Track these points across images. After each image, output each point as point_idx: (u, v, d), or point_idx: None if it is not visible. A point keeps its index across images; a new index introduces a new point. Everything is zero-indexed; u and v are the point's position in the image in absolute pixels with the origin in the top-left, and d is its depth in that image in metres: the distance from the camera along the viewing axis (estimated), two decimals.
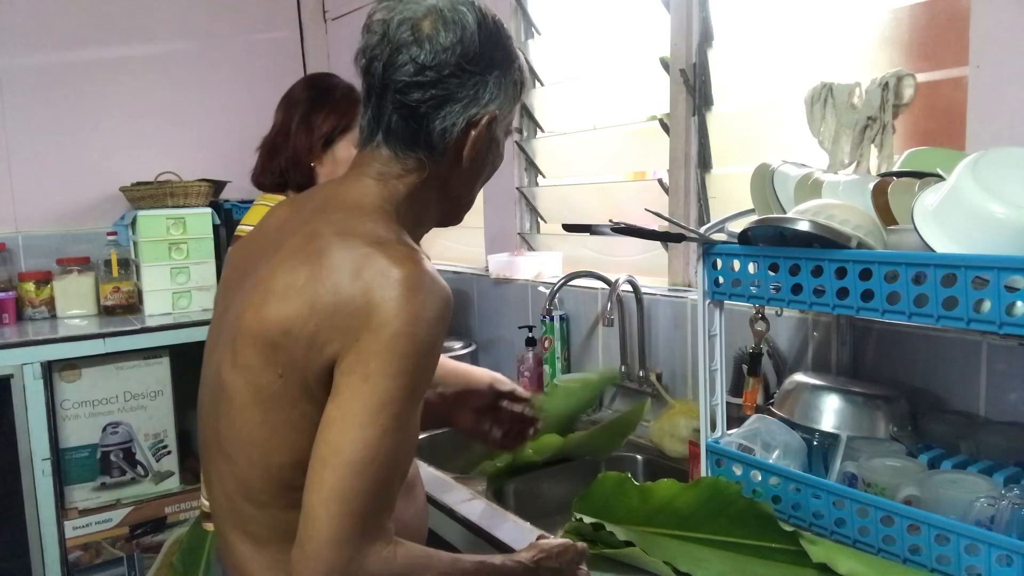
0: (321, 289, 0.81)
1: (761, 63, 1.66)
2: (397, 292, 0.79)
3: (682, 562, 1.05)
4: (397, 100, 0.87)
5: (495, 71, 0.90)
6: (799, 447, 1.19)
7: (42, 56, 2.80)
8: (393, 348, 0.78)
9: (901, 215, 1.06)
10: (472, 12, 0.88)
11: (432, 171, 0.91)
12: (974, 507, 0.96)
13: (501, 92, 0.91)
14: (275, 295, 0.83)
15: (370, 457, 0.77)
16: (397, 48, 0.86)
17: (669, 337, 1.76)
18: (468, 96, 0.88)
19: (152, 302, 2.64)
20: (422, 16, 0.86)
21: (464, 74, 0.87)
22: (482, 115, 0.90)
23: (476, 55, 0.87)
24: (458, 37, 0.86)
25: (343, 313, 0.79)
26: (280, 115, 1.63)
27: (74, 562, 2.37)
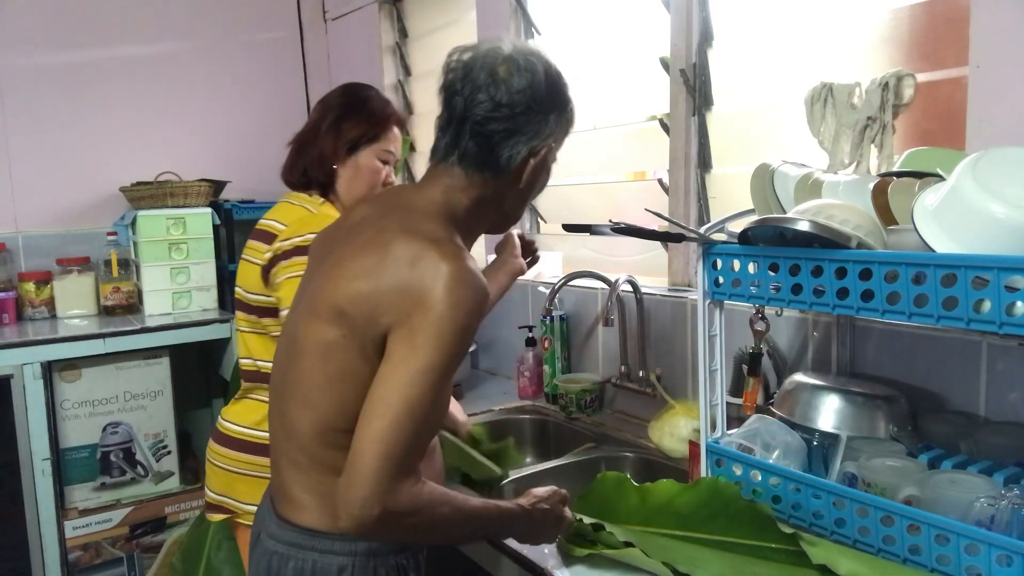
0: (384, 273, 0.98)
1: (761, 63, 1.66)
2: (444, 282, 0.95)
3: (682, 563, 1.05)
4: (475, 130, 1.05)
5: (555, 111, 1.09)
6: (799, 447, 1.19)
7: (42, 56, 2.80)
8: (437, 326, 0.95)
9: (901, 215, 1.06)
10: (540, 62, 1.07)
11: (493, 189, 1.09)
12: (974, 507, 0.96)
13: (558, 128, 1.10)
14: (349, 274, 1.01)
15: (410, 411, 0.94)
16: (477, 88, 1.04)
17: (669, 337, 1.76)
18: (532, 130, 1.07)
19: (152, 302, 2.64)
20: (500, 63, 1.04)
21: (531, 112, 1.06)
22: (542, 147, 1.09)
23: (542, 97, 1.06)
24: (528, 82, 1.05)
25: (400, 294, 0.97)
26: (314, 116, 1.68)
27: (74, 562, 2.37)
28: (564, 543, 1.19)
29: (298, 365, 1.06)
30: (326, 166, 1.61)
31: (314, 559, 1.05)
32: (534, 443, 1.96)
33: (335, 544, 1.04)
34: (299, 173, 1.64)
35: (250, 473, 1.57)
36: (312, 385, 1.03)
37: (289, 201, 1.63)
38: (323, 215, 1.56)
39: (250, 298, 1.58)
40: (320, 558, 1.04)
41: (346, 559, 1.04)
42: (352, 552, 1.04)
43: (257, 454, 1.55)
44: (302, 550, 1.06)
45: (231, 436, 1.60)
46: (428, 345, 0.95)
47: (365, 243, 1.04)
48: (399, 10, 2.96)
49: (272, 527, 1.10)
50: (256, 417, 1.57)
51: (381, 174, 1.65)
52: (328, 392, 1.02)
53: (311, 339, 1.04)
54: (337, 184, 1.63)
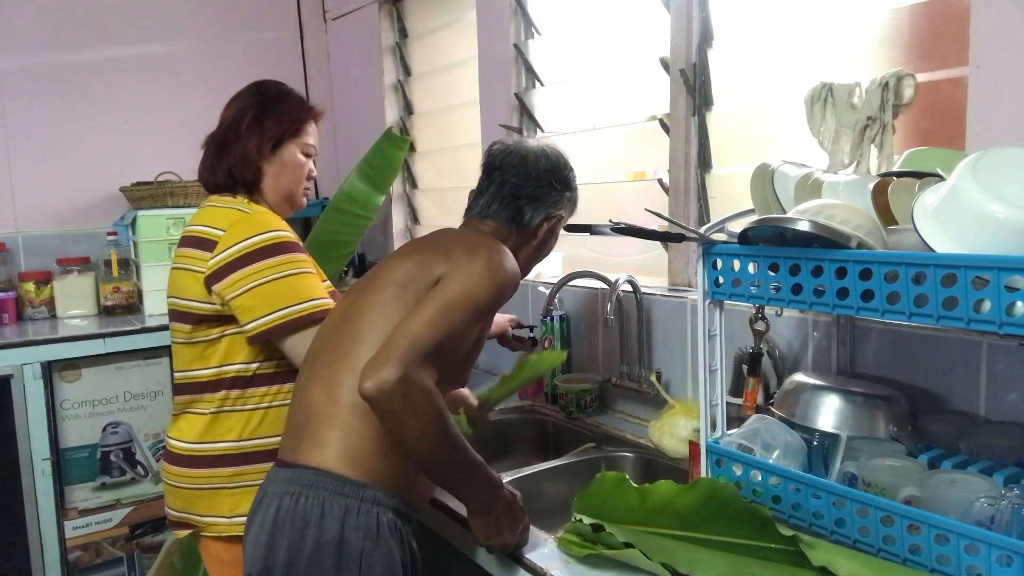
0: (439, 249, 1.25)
1: (761, 63, 1.65)
2: (488, 250, 1.24)
3: (681, 563, 1.05)
4: (509, 194, 1.38)
5: (568, 190, 1.44)
6: (799, 447, 1.19)
7: (42, 56, 2.80)
8: (480, 274, 1.19)
9: (901, 215, 1.06)
10: (557, 154, 1.43)
11: (513, 242, 1.38)
12: (974, 507, 0.96)
13: (568, 204, 1.46)
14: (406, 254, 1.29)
15: (444, 317, 1.13)
16: (513, 166, 1.39)
17: (669, 337, 1.76)
18: (551, 200, 1.41)
19: (152, 302, 2.63)
20: (529, 152, 1.40)
21: (552, 188, 1.40)
22: (555, 214, 1.42)
23: (559, 178, 1.41)
24: (552, 165, 1.41)
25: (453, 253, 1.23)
26: (229, 114, 1.63)
27: (74, 562, 2.37)
28: (564, 543, 1.19)
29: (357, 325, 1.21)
30: (252, 164, 1.57)
31: (324, 497, 1.13)
32: (534, 443, 1.96)
33: (345, 486, 1.13)
34: (224, 174, 1.58)
35: (206, 487, 1.51)
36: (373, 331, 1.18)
37: (215, 205, 1.57)
38: (258, 214, 1.51)
39: (189, 306, 1.51)
40: (329, 498, 1.13)
41: (352, 502, 1.13)
42: (359, 497, 1.13)
43: (210, 467, 1.50)
44: (314, 489, 1.14)
45: (180, 454, 1.53)
46: (471, 278, 1.18)
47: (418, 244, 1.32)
48: (399, 10, 2.96)
49: (283, 475, 1.19)
50: (198, 430, 1.51)
51: (305, 168, 1.63)
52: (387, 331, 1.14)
53: (374, 299, 1.22)
54: (263, 182, 1.59)
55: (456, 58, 2.63)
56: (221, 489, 1.50)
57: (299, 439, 1.20)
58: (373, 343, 1.15)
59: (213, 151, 1.62)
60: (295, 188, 1.62)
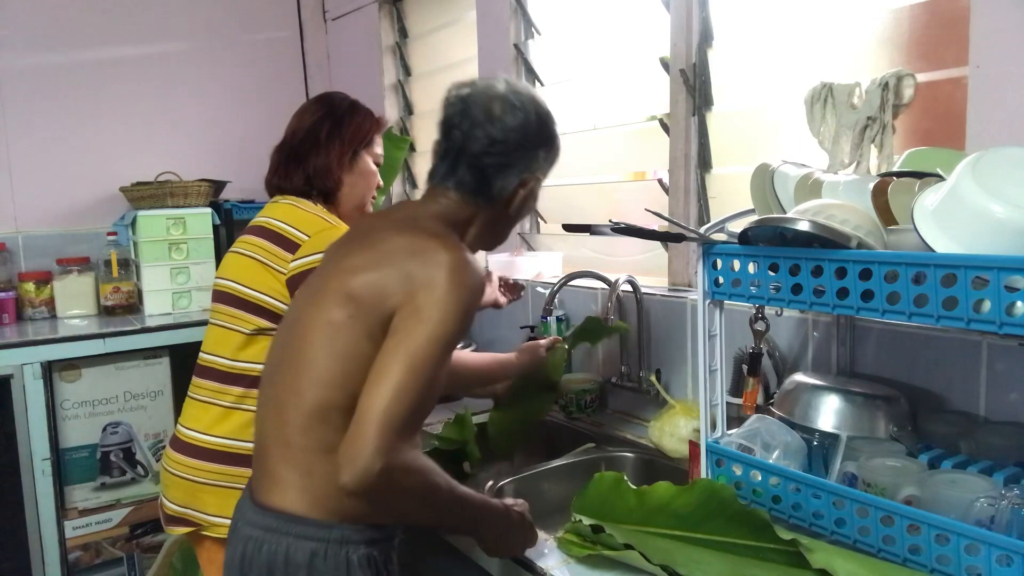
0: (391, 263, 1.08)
1: (761, 63, 1.65)
2: (447, 267, 1.05)
3: (681, 564, 1.05)
4: (471, 162, 1.15)
5: (544, 147, 1.19)
6: (799, 447, 1.19)
7: (42, 56, 2.80)
8: (442, 302, 1.03)
9: (901, 215, 1.06)
10: (532, 103, 1.17)
11: (483, 214, 1.19)
12: (974, 507, 0.96)
13: (546, 163, 1.22)
14: (357, 266, 1.10)
15: (415, 377, 1.00)
16: (474, 124, 1.14)
17: (669, 337, 1.76)
18: (523, 164, 1.17)
19: (152, 302, 2.64)
20: (495, 101, 1.14)
21: (523, 148, 1.16)
22: (531, 179, 1.19)
23: (533, 135, 1.17)
24: (522, 121, 1.15)
25: (406, 278, 1.05)
26: (304, 124, 1.64)
27: (74, 562, 2.37)
28: (564, 543, 1.19)
29: (303, 347, 1.10)
30: (333, 175, 1.61)
31: (288, 543, 1.07)
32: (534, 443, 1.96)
33: (309, 529, 1.07)
34: (300, 182, 1.61)
35: (217, 483, 1.49)
36: (317, 364, 1.08)
37: (296, 205, 1.59)
38: (342, 228, 1.53)
39: (249, 294, 1.52)
40: (294, 543, 1.07)
41: (319, 545, 1.07)
42: (325, 539, 1.07)
43: (224, 463, 1.49)
44: (277, 534, 1.08)
45: (194, 444, 1.51)
46: (433, 319, 1.02)
47: (373, 241, 1.14)
48: (399, 10, 2.96)
49: (249, 514, 1.12)
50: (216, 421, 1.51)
51: (376, 177, 1.67)
52: (333, 370, 1.06)
53: (319, 321, 1.09)
54: (341, 191, 1.63)
55: (456, 58, 2.63)
56: (233, 489, 1.46)
57: (260, 475, 1.14)
58: (318, 382, 1.07)
59: (285, 159, 1.65)
60: (367, 196, 1.67)
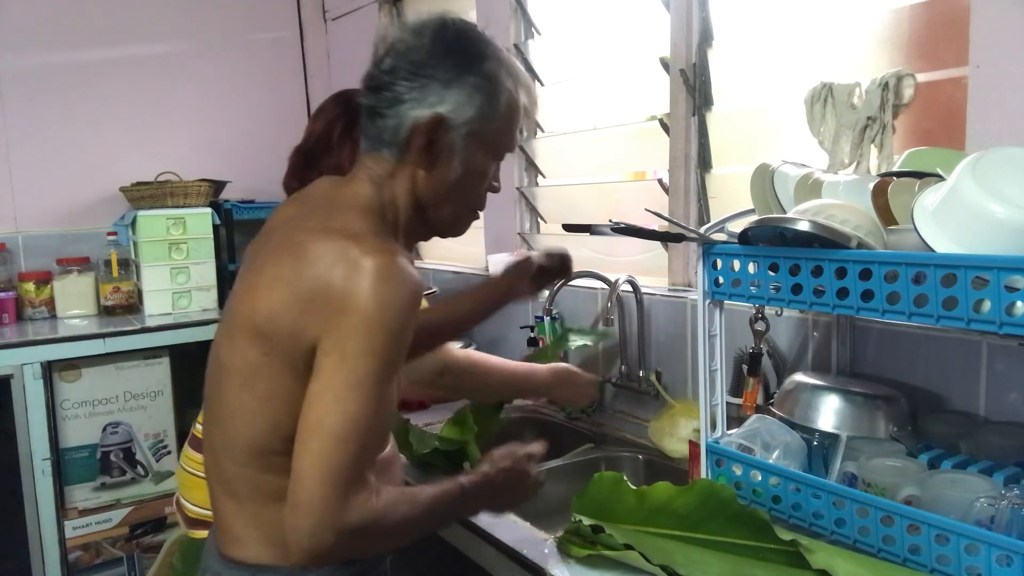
0: (300, 280, 0.91)
1: (761, 63, 1.65)
2: (368, 280, 0.88)
3: (681, 564, 1.05)
4: (365, 103, 0.99)
5: (446, 75, 0.96)
6: (799, 447, 1.19)
7: (42, 56, 2.80)
8: (366, 330, 0.88)
9: (901, 215, 1.06)
10: (435, 22, 0.97)
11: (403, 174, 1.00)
12: (974, 507, 0.96)
13: (451, 96, 0.96)
14: (264, 285, 0.94)
15: (349, 428, 0.87)
16: (374, 61, 0.99)
17: (669, 337, 1.76)
18: (415, 97, 0.96)
19: (152, 302, 2.64)
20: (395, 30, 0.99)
21: (413, 78, 0.95)
22: (429, 118, 0.96)
23: (424, 60, 0.96)
24: (411, 45, 0.96)
25: (322, 300, 0.89)
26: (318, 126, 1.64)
27: (74, 562, 2.37)
28: (564, 543, 1.19)
29: (226, 389, 0.99)
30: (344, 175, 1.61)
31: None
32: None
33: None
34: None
35: None
36: (243, 407, 0.96)
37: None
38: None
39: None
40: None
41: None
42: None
43: None
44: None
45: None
46: (359, 353, 0.87)
47: (280, 247, 0.96)
48: (399, 10, 2.96)
49: (216, 566, 1.04)
50: None
51: None
52: (259, 414, 0.95)
53: (236, 361, 0.97)
54: None
55: None
56: None
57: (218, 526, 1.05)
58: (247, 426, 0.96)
59: (302, 162, 1.63)
60: None
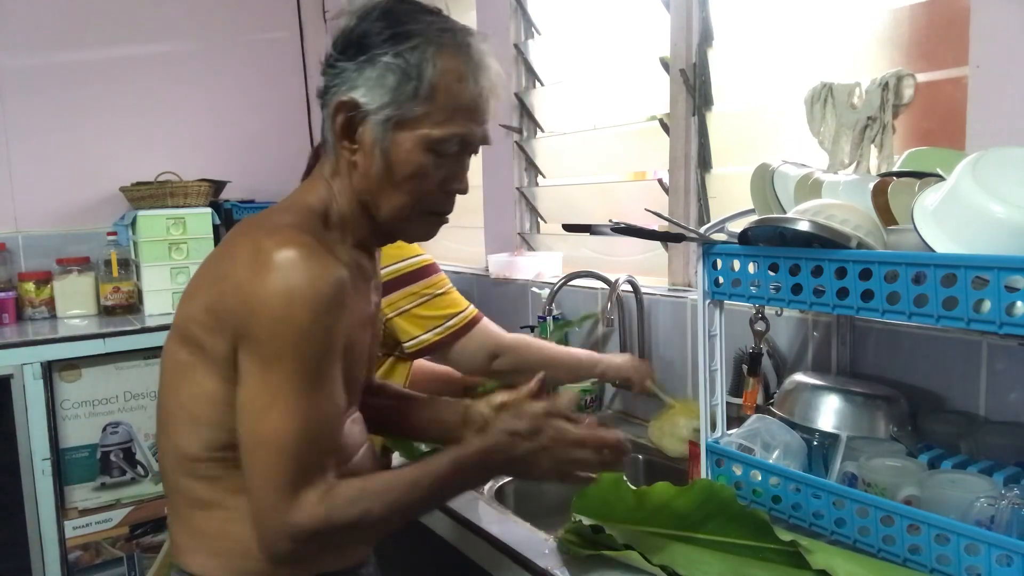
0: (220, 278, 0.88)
1: (761, 63, 1.65)
2: (273, 275, 0.83)
3: (681, 565, 1.05)
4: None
5: (360, 57, 0.90)
6: (799, 447, 1.19)
7: (42, 56, 2.80)
8: (276, 332, 0.83)
9: (901, 215, 1.06)
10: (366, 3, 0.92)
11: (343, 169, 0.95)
12: (974, 507, 0.96)
13: (363, 78, 0.90)
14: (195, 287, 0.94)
15: (280, 437, 0.84)
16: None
17: (669, 337, 1.76)
18: (335, 84, 0.92)
19: (152, 302, 2.64)
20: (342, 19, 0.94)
21: (338, 63, 0.92)
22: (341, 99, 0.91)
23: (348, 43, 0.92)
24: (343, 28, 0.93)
25: (237, 301, 0.85)
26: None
27: (74, 562, 2.37)
28: (564, 543, 1.19)
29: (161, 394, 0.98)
30: None
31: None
32: None
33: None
34: None
35: None
36: (170, 414, 0.95)
37: None
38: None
39: None
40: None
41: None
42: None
43: None
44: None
45: None
46: (272, 356, 0.83)
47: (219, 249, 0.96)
48: None
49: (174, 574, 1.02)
50: None
51: None
52: (183, 419, 0.93)
53: (168, 362, 0.95)
54: None
55: None
56: None
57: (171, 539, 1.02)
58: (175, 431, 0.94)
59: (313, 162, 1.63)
60: None
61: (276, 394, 0.84)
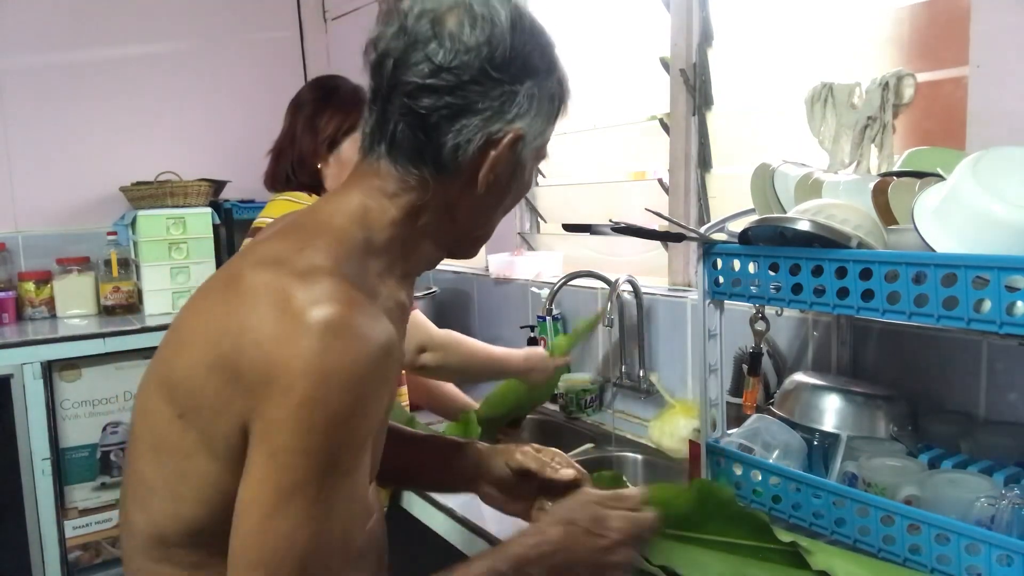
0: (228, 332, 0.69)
1: (761, 63, 1.66)
2: (307, 342, 0.65)
3: (680, 565, 1.05)
4: (406, 105, 0.75)
5: (528, 81, 0.77)
6: (799, 447, 1.19)
7: (42, 56, 2.80)
8: (300, 418, 0.65)
9: (901, 215, 1.06)
10: (506, 8, 0.76)
11: (438, 193, 0.78)
12: (974, 507, 0.96)
13: (533, 107, 0.78)
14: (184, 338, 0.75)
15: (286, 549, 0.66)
16: (414, 43, 0.74)
17: (669, 337, 1.76)
18: (491, 108, 0.76)
19: (152, 302, 2.64)
20: (447, 9, 0.74)
21: (489, 82, 0.75)
22: (505, 132, 0.77)
23: (506, 60, 0.75)
24: (486, 37, 0.74)
25: (248, 366, 0.67)
26: (287, 119, 1.64)
27: (74, 562, 2.37)
28: None
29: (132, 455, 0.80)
30: (309, 167, 1.57)
31: None
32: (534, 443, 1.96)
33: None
34: (283, 180, 1.59)
35: None
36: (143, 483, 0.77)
37: (292, 200, 1.60)
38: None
39: None
40: None
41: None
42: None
43: None
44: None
45: None
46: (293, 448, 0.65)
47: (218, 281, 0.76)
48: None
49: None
50: None
51: None
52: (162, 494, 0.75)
53: (146, 421, 0.77)
54: (326, 183, 1.59)
55: None
56: None
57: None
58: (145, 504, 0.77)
59: (273, 156, 1.62)
60: None
61: (291, 496, 0.65)
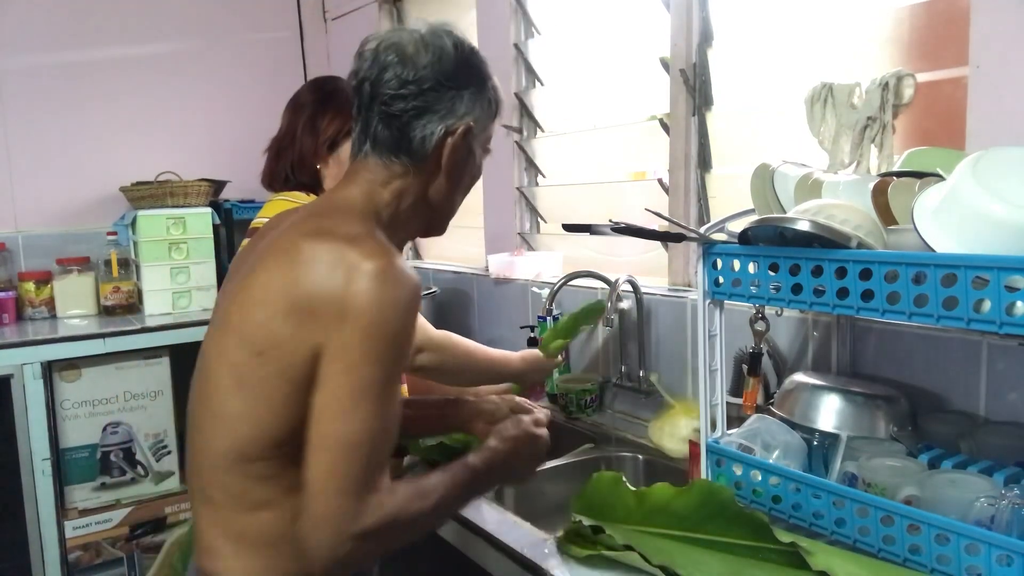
0: (298, 286, 0.91)
1: (761, 63, 1.65)
2: (368, 283, 0.89)
3: (681, 565, 1.05)
4: (382, 111, 1.01)
5: (470, 87, 1.03)
6: (799, 447, 1.19)
7: (42, 56, 2.80)
8: (369, 337, 0.89)
9: (901, 215, 1.06)
10: (449, 38, 1.02)
11: (415, 180, 1.04)
12: (974, 507, 0.96)
13: (476, 107, 1.04)
14: (257, 292, 0.95)
15: (357, 439, 0.89)
16: (384, 68, 1.00)
17: (669, 337, 1.76)
18: (445, 108, 1.02)
19: (152, 302, 2.64)
20: (406, 42, 1.01)
21: (442, 88, 1.01)
22: (458, 125, 1.03)
23: (451, 73, 1.01)
24: (436, 57, 1.00)
25: (320, 307, 0.89)
26: (287, 118, 1.64)
27: (74, 562, 2.37)
28: (564, 543, 1.19)
29: (211, 393, 0.98)
30: (309, 167, 1.58)
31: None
32: None
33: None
34: (281, 179, 1.60)
35: None
36: (226, 413, 0.95)
37: (282, 198, 1.60)
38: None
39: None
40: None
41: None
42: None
43: None
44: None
45: None
46: (363, 361, 0.89)
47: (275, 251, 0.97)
48: (399, 10, 2.96)
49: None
50: None
51: None
52: (245, 419, 0.94)
53: (225, 362, 0.96)
54: (324, 183, 1.60)
55: None
56: None
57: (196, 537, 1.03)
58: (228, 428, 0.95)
59: (272, 155, 1.62)
60: None
61: (360, 398, 0.89)
